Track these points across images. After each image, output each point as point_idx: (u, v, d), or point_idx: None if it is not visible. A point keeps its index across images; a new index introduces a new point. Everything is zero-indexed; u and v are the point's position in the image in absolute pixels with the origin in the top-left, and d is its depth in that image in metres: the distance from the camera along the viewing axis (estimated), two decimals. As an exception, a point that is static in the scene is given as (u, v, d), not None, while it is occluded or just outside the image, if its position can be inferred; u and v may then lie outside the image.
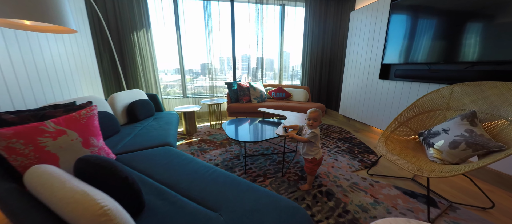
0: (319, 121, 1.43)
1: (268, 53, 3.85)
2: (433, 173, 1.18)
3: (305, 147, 1.49)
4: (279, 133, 1.55)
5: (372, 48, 2.63)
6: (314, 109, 1.44)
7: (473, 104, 1.46)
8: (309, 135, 1.41)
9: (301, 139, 1.44)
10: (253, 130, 1.92)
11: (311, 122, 1.42)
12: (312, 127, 1.43)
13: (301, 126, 1.61)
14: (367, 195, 1.45)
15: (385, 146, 1.59)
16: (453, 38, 1.76)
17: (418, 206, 1.34)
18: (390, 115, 2.43)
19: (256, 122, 2.19)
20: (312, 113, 1.42)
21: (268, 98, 3.45)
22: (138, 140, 1.54)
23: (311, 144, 1.46)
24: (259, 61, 3.73)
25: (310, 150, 1.47)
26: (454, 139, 1.29)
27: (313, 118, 1.41)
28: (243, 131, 1.91)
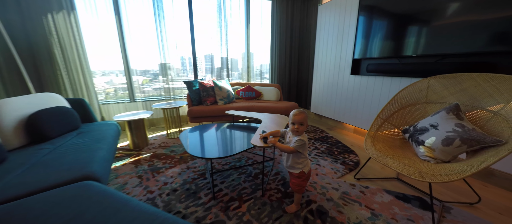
0: (306, 125, 1.15)
1: (234, 53, 3.48)
2: (436, 177, 1.03)
3: (290, 158, 1.18)
4: (256, 143, 1.21)
5: (342, 43, 2.56)
6: (299, 110, 1.15)
7: (452, 97, 1.41)
8: (296, 143, 1.11)
9: (286, 149, 1.13)
10: (221, 140, 1.52)
11: (296, 127, 1.12)
12: (298, 133, 1.14)
13: (282, 132, 1.30)
14: (362, 207, 1.24)
15: (374, 147, 1.42)
16: (424, 32, 1.75)
17: (415, 213, 1.20)
18: (363, 111, 2.38)
19: (225, 128, 1.79)
20: (297, 116, 1.12)
21: (237, 98, 3.07)
22: (34, 174, 0.95)
23: (298, 154, 1.16)
24: (223, 61, 3.32)
25: (296, 162, 1.17)
26: (447, 135, 1.18)
27: (299, 122, 1.12)
28: (209, 142, 1.48)
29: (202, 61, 3.37)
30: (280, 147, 1.14)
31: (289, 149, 1.11)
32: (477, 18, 1.46)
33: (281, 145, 1.16)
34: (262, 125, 1.54)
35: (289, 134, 1.24)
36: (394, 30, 1.95)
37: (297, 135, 1.15)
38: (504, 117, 1.14)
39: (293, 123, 1.14)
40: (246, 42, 3.44)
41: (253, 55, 3.65)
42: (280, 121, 1.69)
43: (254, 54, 3.65)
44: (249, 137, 1.58)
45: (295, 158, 1.17)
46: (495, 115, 1.18)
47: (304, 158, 1.18)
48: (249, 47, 3.47)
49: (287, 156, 1.21)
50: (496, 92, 1.22)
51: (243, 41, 3.45)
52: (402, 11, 1.87)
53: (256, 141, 1.22)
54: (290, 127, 1.17)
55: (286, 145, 1.16)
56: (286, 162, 1.23)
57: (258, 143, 1.20)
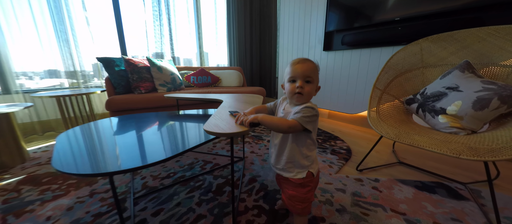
0: (317, 82, 0.63)
1: (184, 52, 2.72)
2: (494, 153, 0.68)
3: (286, 150, 0.64)
4: (213, 127, 0.59)
5: (311, 14, 2.21)
6: (305, 58, 0.62)
7: (454, 57, 1.17)
8: (302, 113, 0.57)
9: (282, 123, 0.57)
10: (152, 137, 0.83)
11: (299, 85, 0.60)
12: (303, 98, 0.61)
13: (270, 106, 0.76)
14: (389, 213, 0.81)
15: (386, 123, 1.04)
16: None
17: (453, 207, 0.85)
18: (339, 92, 2.09)
19: (163, 117, 1.09)
20: (301, 65, 0.60)
21: (187, 85, 2.33)
22: None
23: (304, 140, 0.63)
24: (175, 60, 2.54)
25: (301, 156, 0.63)
26: (479, 95, 0.89)
27: (304, 76, 0.60)
28: (126, 143, 0.77)
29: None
30: (270, 122, 0.58)
31: (289, 123, 0.57)
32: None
33: (271, 118, 0.60)
34: (225, 106, 0.94)
35: (283, 105, 0.70)
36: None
37: (300, 102, 0.62)
38: (529, 69, 0.92)
39: (293, 80, 0.61)
40: (198, 39, 2.74)
41: (208, 54, 3.00)
42: (255, 101, 1.12)
43: (209, 54, 3.01)
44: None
45: (298, 146, 0.63)
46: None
47: (313, 147, 0.65)
48: (201, 45, 2.78)
49: (280, 147, 0.66)
50: (509, 44, 1.01)
51: (194, 37, 2.75)
52: (380, -30, 1.62)
53: (213, 125, 0.61)
54: (287, 89, 0.64)
55: (282, 118, 0.62)
56: (277, 158, 0.67)
57: (216, 127, 0.59)
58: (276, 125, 0.58)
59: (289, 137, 0.63)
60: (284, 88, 0.67)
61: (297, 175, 0.64)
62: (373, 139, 1.66)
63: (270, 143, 0.73)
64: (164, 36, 2.46)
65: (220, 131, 0.55)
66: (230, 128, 0.57)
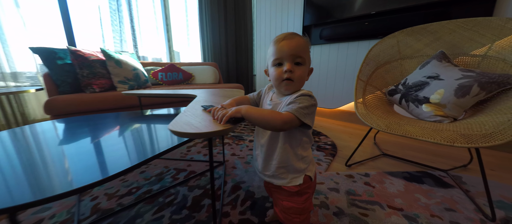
0: (309, 63, 0.51)
1: (151, 51, 2.41)
2: (487, 138, 0.67)
3: (276, 152, 0.51)
4: (179, 127, 0.42)
5: (289, 9, 2.15)
6: (292, 32, 0.49)
7: (429, 48, 1.21)
8: (298, 103, 0.45)
9: (272, 117, 0.43)
10: (108, 145, 0.62)
11: (287, 69, 0.47)
12: (293, 85, 0.49)
13: (253, 97, 0.62)
14: (386, 211, 0.75)
15: (374, 114, 1.00)
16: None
17: (442, 195, 0.84)
18: (319, 86, 2.07)
19: (125, 119, 0.87)
20: (288, 41, 0.47)
21: (154, 83, 2.04)
22: None
23: (298, 137, 0.51)
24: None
25: (295, 158, 0.51)
26: (460, 83, 0.89)
27: (293, 55, 0.47)
28: (69, 154, 0.55)
29: None
30: (258, 116, 0.44)
31: (283, 117, 0.43)
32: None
33: (259, 110, 0.46)
34: (200, 100, 0.77)
35: (269, 95, 0.57)
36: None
37: (291, 90, 0.49)
38: (497, 57, 0.97)
39: (280, 63, 0.49)
40: (166, 38, 2.45)
41: (179, 54, 2.73)
42: (235, 95, 0.97)
43: (180, 54, 2.74)
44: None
45: (292, 147, 0.51)
46: (484, 58, 1.01)
47: (309, 145, 0.54)
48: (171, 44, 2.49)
49: (269, 148, 0.53)
50: (477, 35, 1.06)
51: (162, 32, 2.46)
52: (355, -36, 1.62)
53: (184, 124, 0.44)
54: (272, 76, 0.51)
55: (273, 111, 0.47)
56: (265, 162, 0.54)
57: (186, 126, 0.42)
58: (267, 119, 0.43)
59: (280, 136, 0.50)
60: (267, 73, 0.54)
61: (292, 182, 0.51)
62: (355, 133, 1.66)
63: (255, 144, 0.59)
64: (125, 32, 2.13)
65: (192, 131, 0.39)
66: (207, 126, 0.42)
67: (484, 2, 1.24)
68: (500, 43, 0.97)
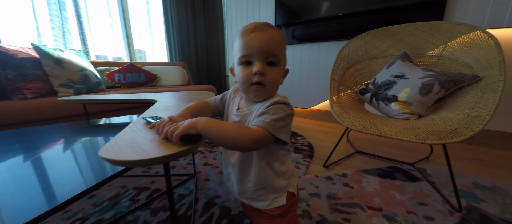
0: (284, 63, 0.43)
1: (105, 50, 2.08)
2: (457, 133, 0.71)
3: (252, 170, 0.43)
4: (111, 154, 0.30)
5: (260, 6, 2.09)
6: (264, 22, 0.39)
7: (392, 49, 1.28)
8: (271, 113, 0.36)
9: (237, 134, 0.33)
10: (43, 168, 0.45)
11: (258, 70, 0.37)
12: (264, 92, 0.40)
13: (215, 103, 0.51)
14: (367, 212, 0.74)
15: (349, 114, 1.00)
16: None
17: (413, 190, 0.88)
18: (293, 86, 2.06)
19: (66, 134, 0.68)
20: (259, 34, 0.37)
21: (110, 86, 1.77)
22: None
23: (274, 151, 0.42)
24: None
25: (274, 177, 0.43)
26: (424, 81, 0.95)
27: (268, 52, 0.37)
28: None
29: None
30: (220, 133, 0.33)
31: (252, 135, 0.33)
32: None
33: (220, 124, 0.34)
34: (159, 108, 0.64)
35: (236, 101, 0.47)
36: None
37: (262, 97, 0.41)
38: (450, 58, 1.06)
39: (248, 62, 0.39)
40: (125, 36, 2.15)
41: (145, 52, 2.44)
42: (201, 97, 0.86)
43: (146, 53, 2.45)
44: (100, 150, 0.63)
45: (269, 164, 0.43)
46: (439, 58, 1.10)
47: (287, 157, 0.47)
48: (131, 42, 2.20)
49: (242, 169, 0.44)
50: (432, 37, 1.15)
51: (119, 28, 2.14)
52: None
53: (126, 145, 0.32)
54: (239, 78, 0.41)
55: (239, 126, 0.36)
56: (239, 185, 0.45)
57: (128, 150, 0.30)
58: (232, 137, 0.33)
59: (254, 153, 0.42)
60: (233, 73, 0.44)
61: (274, 203, 0.44)
62: (330, 132, 1.69)
63: (224, 161, 0.50)
64: (69, 26, 1.79)
65: (132, 157, 0.27)
66: (153, 149, 0.31)
67: (436, 7, 1.36)
68: (452, 44, 1.06)
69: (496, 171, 1.06)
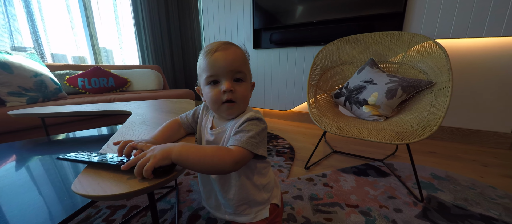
0: (250, 77, 0.43)
1: (66, 48, 1.84)
2: (417, 134, 0.80)
3: (231, 187, 0.43)
4: (84, 188, 0.28)
5: (238, 12, 2.09)
6: (226, 41, 0.40)
7: (361, 55, 1.39)
8: (246, 131, 0.36)
9: (217, 158, 0.32)
10: None
11: (226, 88, 0.37)
12: (236, 108, 0.40)
13: (187, 119, 0.49)
14: (346, 210, 0.80)
15: (327, 118, 1.06)
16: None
17: (384, 184, 0.97)
18: (272, 89, 2.11)
19: (20, 152, 0.59)
20: (223, 53, 0.37)
21: (72, 92, 1.58)
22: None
23: (252, 166, 0.43)
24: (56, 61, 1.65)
25: (255, 190, 0.44)
26: (389, 86, 1.05)
27: (235, 70, 0.38)
28: None
29: None
30: (198, 160, 0.31)
31: (232, 156, 0.33)
32: None
33: (198, 149, 0.32)
34: (136, 122, 0.60)
35: (209, 119, 0.46)
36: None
37: (234, 114, 0.41)
38: (409, 65, 1.20)
39: (216, 81, 0.39)
40: (88, 33, 1.94)
41: (112, 52, 2.22)
42: (179, 106, 0.82)
43: (113, 51, 2.23)
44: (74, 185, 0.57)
45: (249, 179, 0.43)
46: (400, 65, 1.24)
47: (267, 169, 0.48)
48: (95, 41, 1.99)
49: (222, 186, 0.44)
50: (394, 45, 1.29)
51: (80, 24, 1.92)
52: (297, -27, 1.72)
53: (89, 185, 0.28)
54: (208, 97, 0.40)
55: (217, 148, 0.35)
56: (223, 199, 0.45)
57: (92, 188, 0.27)
58: (211, 163, 0.32)
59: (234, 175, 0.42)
60: (201, 93, 0.44)
61: (257, 216, 0.45)
62: (308, 133, 1.77)
63: (200, 180, 0.49)
64: (17, 23, 1.55)
65: (109, 192, 0.25)
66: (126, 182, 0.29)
67: (396, 18, 1.52)
68: (410, 52, 1.20)
69: (448, 162, 1.23)
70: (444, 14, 1.40)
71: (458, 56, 1.45)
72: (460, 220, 0.75)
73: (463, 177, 1.04)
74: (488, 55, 1.39)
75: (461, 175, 1.07)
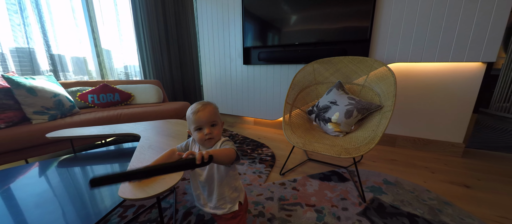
0: (221, 123, 0.68)
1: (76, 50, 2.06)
2: (360, 150, 1.04)
3: (215, 187, 0.66)
4: (133, 194, 0.53)
5: (230, 30, 2.33)
6: (201, 103, 0.65)
7: (333, 77, 1.62)
8: (228, 144, 0.63)
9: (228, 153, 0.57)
10: (34, 208, 0.61)
11: (208, 133, 0.62)
12: (214, 140, 0.64)
13: (181, 147, 0.72)
14: (304, 209, 1.03)
15: (295, 134, 1.29)
16: (302, 24, 1.92)
17: (341, 188, 1.20)
18: (260, 101, 2.34)
19: (53, 170, 0.82)
20: (202, 112, 0.62)
21: (83, 107, 1.81)
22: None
23: (231, 172, 0.68)
24: (56, 59, 1.88)
25: (230, 190, 0.68)
26: (347, 108, 1.29)
27: (209, 122, 0.63)
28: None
29: (7, 57, 1.63)
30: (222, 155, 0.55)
31: (232, 151, 0.57)
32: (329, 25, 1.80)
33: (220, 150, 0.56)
34: (144, 146, 0.83)
35: (196, 147, 0.69)
36: (276, 19, 2.01)
37: (212, 145, 0.65)
38: (369, 87, 1.43)
39: (200, 127, 0.62)
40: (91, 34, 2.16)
41: (111, 52, 2.43)
42: (176, 129, 1.06)
43: (111, 52, 2.43)
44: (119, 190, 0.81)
45: (226, 181, 0.67)
46: (363, 87, 1.47)
47: (238, 176, 0.72)
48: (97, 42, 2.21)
49: (209, 186, 0.67)
50: (358, 69, 1.53)
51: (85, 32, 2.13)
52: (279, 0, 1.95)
53: (137, 189, 0.54)
54: (195, 137, 0.65)
55: (224, 149, 0.59)
56: (207, 198, 0.68)
57: (138, 192, 0.53)
58: (229, 156, 0.55)
59: (215, 174, 0.65)
60: (191, 134, 0.67)
61: (230, 210, 0.68)
62: (290, 141, 2.00)
63: (193, 185, 0.71)
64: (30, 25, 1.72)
65: (145, 195, 0.49)
66: (158, 185, 0.53)
67: (364, 43, 1.75)
68: (371, 75, 1.44)
69: (402, 169, 1.47)
70: (403, 42, 1.63)
71: (419, 75, 1.68)
72: (390, 217, 0.98)
73: (409, 183, 1.28)
74: (442, 77, 1.62)
75: (408, 181, 1.30)
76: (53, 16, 1.88)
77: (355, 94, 1.48)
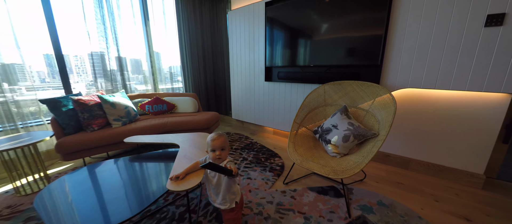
0: (228, 148, 1.01)
1: (133, 52, 2.74)
2: (345, 172, 1.22)
3: (221, 192, 1.00)
4: (174, 187, 0.92)
5: (254, 50, 2.66)
6: (217, 134, 0.99)
7: (341, 100, 1.78)
8: (231, 164, 0.95)
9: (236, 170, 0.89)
10: (123, 186, 1.06)
11: (218, 154, 0.96)
12: (221, 160, 0.98)
13: (202, 161, 1.07)
14: (295, 214, 1.28)
15: (297, 152, 1.53)
16: (313, 46, 2.11)
17: (334, 203, 1.39)
18: (279, 114, 2.61)
19: (127, 163, 1.30)
20: (216, 141, 0.96)
21: (142, 114, 2.43)
22: None
23: (231, 182, 1.00)
24: (123, 62, 2.55)
25: (231, 193, 1.01)
26: (345, 133, 1.46)
27: (220, 147, 0.96)
28: (103, 197, 0.98)
29: (85, 61, 2.38)
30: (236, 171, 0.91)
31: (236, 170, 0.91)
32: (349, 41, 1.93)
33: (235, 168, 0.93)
34: (181, 156, 1.23)
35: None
36: (293, 43, 2.24)
37: (221, 162, 0.98)
38: (372, 114, 1.55)
39: (214, 150, 0.96)
40: (146, 39, 2.81)
41: (160, 55, 3.06)
42: (201, 141, 1.45)
43: (161, 54, 3.06)
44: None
45: (227, 187, 0.99)
46: (367, 112, 1.60)
47: (235, 184, 1.04)
48: (150, 45, 2.86)
49: (217, 189, 1.01)
50: (365, 94, 1.65)
51: (142, 38, 2.79)
52: (296, 26, 2.17)
53: (176, 185, 0.93)
54: (210, 156, 0.99)
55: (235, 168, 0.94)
56: (215, 197, 1.02)
57: (176, 187, 0.91)
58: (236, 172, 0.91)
59: (222, 181, 0.98)
60: (208, 153, 1.01)
61: (230, 206, 1.01)
62: (302, 153, 2.21)
63: (207, 187, 1.06)
64: (110, 35, 2.40)
65: (174, 189, 0.86)
66: (188, 182, 0.89)
67: (376, 68, 1.83)
68: (376, 102, 1.55)
69: (405, 193, 1.53)
70: (416, 68, 1.65)
71: (437, 100, 1.65)
72: (368, 232, 1.15)
73: (404, 207, 1.37)
74: (461, 103, 1.57)
75: (404, 205, 1.38)
76: (122, 26, 2.55)
77: (359, 119, 1.62)
